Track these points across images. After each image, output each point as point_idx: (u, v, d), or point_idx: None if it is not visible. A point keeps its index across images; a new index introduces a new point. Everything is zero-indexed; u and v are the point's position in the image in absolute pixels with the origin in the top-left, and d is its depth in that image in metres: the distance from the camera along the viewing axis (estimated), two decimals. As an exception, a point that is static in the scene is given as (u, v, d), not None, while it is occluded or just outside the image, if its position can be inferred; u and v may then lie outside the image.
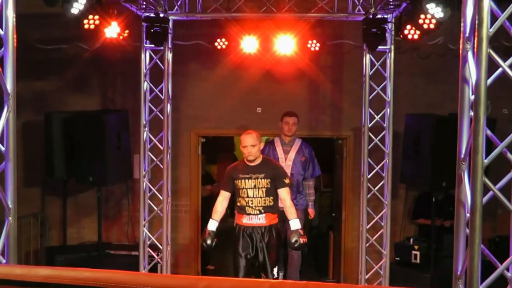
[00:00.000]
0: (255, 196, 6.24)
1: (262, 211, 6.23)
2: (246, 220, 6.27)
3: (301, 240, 6.11)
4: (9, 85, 3.63)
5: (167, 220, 7.76)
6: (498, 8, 3.47)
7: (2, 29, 3.64)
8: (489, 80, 3.41)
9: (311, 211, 7.88)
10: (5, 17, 3.64)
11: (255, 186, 6.27)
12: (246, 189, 6.27)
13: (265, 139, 11.40)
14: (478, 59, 3.36)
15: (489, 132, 3.50)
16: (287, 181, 6.35)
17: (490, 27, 3.37)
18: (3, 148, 3.64)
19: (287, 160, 7.59)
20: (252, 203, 6.23)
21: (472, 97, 3.46)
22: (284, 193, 6.33)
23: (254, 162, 6.31)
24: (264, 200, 6.23)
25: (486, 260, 3.75)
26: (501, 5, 3.54)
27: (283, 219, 6.58)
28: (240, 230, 6.34)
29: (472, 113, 3.47)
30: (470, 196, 3.50)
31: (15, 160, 3.72)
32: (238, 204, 6.33)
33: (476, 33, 3.40)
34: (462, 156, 3.63)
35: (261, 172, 6.28)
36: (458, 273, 3.78)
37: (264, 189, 6.25)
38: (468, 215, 3.58)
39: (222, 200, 6.37)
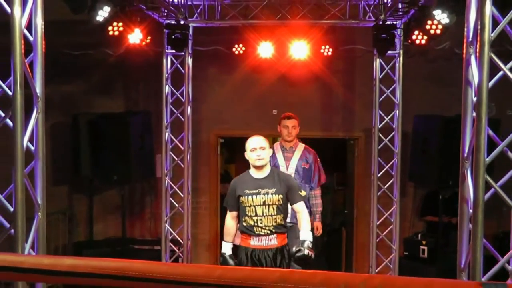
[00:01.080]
0: (265, 214, 5.22)
1: (273, 230, 5.25)
2: (254, 242, 5.28)
3: (307, 252, 5.09)
4: (38, 88, 3.65)
5: (187, 216, 7.80)
6: (500, 14, 3.47)
7: (31, 36, 3.67)
8: (491, 83, 3.40)
9: (318, 225, 6.79)
10: (34, 25, 3.67)
11: (264, 203, 5.24)
12: (254, 206, 5.25)
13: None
14: (480, 63, 3.35)
15: (490, 132, 3.47)
16: (302, 193, 5.51)
17: (492, 32, 3.36)
18: (32, 148, 3.67)
19: (288, 169, 6.54)
20: (261, 223, 5.22)
21: (475, 99, 3.47)
22: (300, 207, 5.38)
23: (262, 171, 5.27)
24: (275, 218, 5.24)
25: (489, 254, 3.76)
26: (502, 11, 3.53)
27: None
28: (246, 253, 5.35)
29: (474, 114, 3.47)
30: (472, 192, 3.49)
31: (44, 159, 3.74)
32: (244, 223, 5.31)
33: (478, 38, 3.39)
34: (465, 154, 3.62)
35: (271, 186, 5.26)
36: (462, 266, 3.79)
37: (275, 206, 5.24)
38: (471, 211, 3.56)
39: (231, 220, 5.43)
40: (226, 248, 5.34)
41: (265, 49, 7.96)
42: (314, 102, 8.84)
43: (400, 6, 6.87)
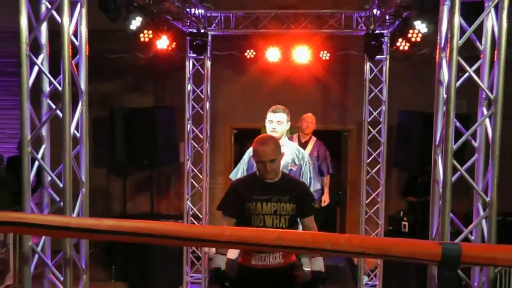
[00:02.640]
0: (275, 226, 3.84)
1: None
2: (256, 261, 3.93)
3: None
4: (83, 85, 3.70)
5: (206, 195, 7.81)
6: (467, 24, 3.49)
7: (77, 41, 3.71)
8: (458, 83, 3.42)
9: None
10: (79, 32, 3.70)
11: (275, 213, 3.89)
12: (263, 215, 3.88)
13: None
14: (450, 65, 3.36)
15: (458, 124, 3.52)
16: (316, 205, 4.11)
17: (460, 40, 3.38)
18: (78, 135, 3.73)
19: None
20: None
21: (445, 96, 3.50)
22: (311, 223, 4.07)
23: (273, 177, 3.93)
24: None
25: (458, 230, 3.80)
26: (469, 21, 3.54)
27: None
28: (247, 273, 4.01)
29: (444, 108, 3.52)
30: (442, 175, 3.52)
31: (87, 144, 3.78)
32: None
33: (448, 45, 3.40)
34: (437, 143, 3.67)
35: (285, 193, 3.90)
36: (433, 236, 3.83)
37: (287, 218, 3.90)
38: (441, 190, 3.59)
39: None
40: (220, 262, 3.94)
41: (272, 54, 8.01)
42: (314, 99, 8.86)
43: (387, 17, 6.83)
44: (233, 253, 4.15)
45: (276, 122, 5.10)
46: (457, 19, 3.34)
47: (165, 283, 7.38)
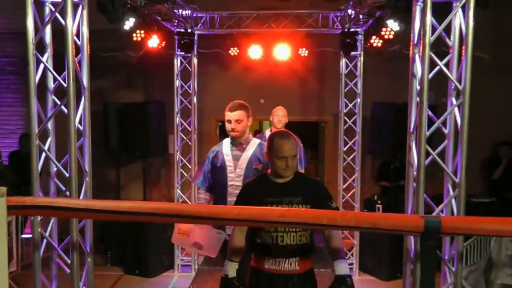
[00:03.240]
0: (288, 230, 3.31)
1: (296, 252, 3.34)
2: (270, 265, 3.39)
3: None
4: (85, 81, 3.73)
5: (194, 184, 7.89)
6: (437, 22, 3.58)
7: (79, 41, 3.72)
8: (430, 75, 3.51)
9: None
10: (81, 32, 3.72)
11: None
12: None
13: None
14: (423, 60, 3.44)
15: (430, 112, 3.60)
16: (333, 204, 3.45)
17: (431, 36, 3.47)
18: (81, 128, 3.77)
19: (236, 169, 4.54)
20: (282, 241, 3.31)
21: (418, 88, 3.59)
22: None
23: (285, 177, 3.37)
24: (300, 236, 3.33)
25: (431, 210, 3.88)
26: (440, 20, 3.62)
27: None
28: (258, 278, 3.46)
29: (418, 99, 3.61)
30: (416, 159, 3.61)
31: (90, 137, 3.81)
32: (258, 240, 3.41)
33: (421, 41, 3.49)
34: (411, 130, 3.73)
35: (297, 193, 3.35)
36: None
37: None
38: (415, 173, 3.66)
39: (239, 233, 3.46)
40: (231, 269, 3.40)
41: (254, 52, 8.07)
42: (293, 92, 8.92)
43: (361, 17, 6.94)
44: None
45: (235, 121, 4.46)
46: (429, 18, 3.43)
47: (157, 266, 7.45)
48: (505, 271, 6.69)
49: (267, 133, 6.52)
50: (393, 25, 5.88)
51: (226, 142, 4.70)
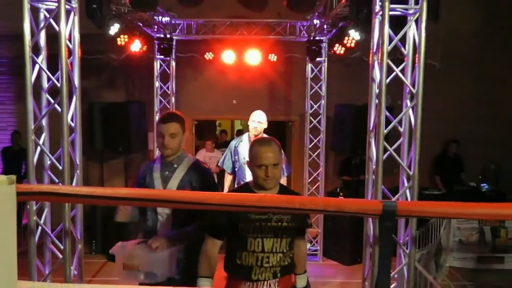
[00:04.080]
0: (275, 250, 2.76)
1: (278, 274, 2.79)
2: None
3: None
4: (76, 81, 3.78)
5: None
6: (394, 33, 3.69)
7: (71, 44, 3.76)
8: (388, 80, 3.65)
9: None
10: (73, 36, 3.76)
11: (276, 235, 2.76)
12: (262, 238, 2.74)
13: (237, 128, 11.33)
14: (381, 66, 3.58)
15: (387, 113, 3.74)
16: (309, 221, 3.04)
17: (389, 45, 3.60)
18: (73, 124, 3.80)
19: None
20: (267, 262, 2.75)
21: (377, 91, 3.71)
22: (304, 246, 3.12)
23: (267, 190, 2.78)
24: (285, 256, 2.80)
25: (387, 199, 4.01)
26: (396, 30, 3.73)
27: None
28: None
29: (377, 101, 3.75)
30: (375, 154, 3.74)
31: (81, 132, 3.85)
32: (238, 261, 2.79)
33: (380, 49, 3.61)
34: (371, 128, 3.87)
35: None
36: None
37: (288, 240, 2.81)
38: (374, 167, 3.79)
39: (212, 250, 2.83)
40: (205, 285, 2.80)
41: (228, 56, 8.12)
42: (263, 94, 8.99)
43: (325, 26, 7.03)
44: None
45: (169, 135, 3.33)
46: (386, 29, 3.57)
47: None
48: (453, 255, 6.94)
49: (245, 137, 5.70)
50: (354, 35, 5.98)
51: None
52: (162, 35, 7.53)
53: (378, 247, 1.82)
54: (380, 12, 3.65)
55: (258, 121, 5.22)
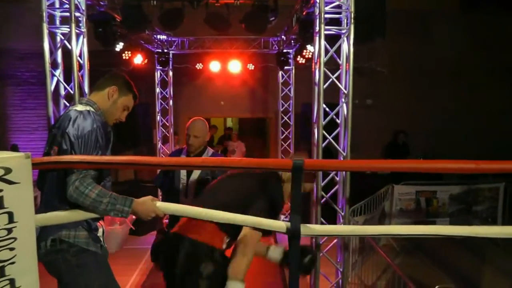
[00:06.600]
0: None
1: None
2: None
3: None
4: (86, 89, 3.97)
5: (172, 164, 8.08)
6: (330, 47, 3.95)
7: (81, 60, 3.97)
8: (326, 85, 3.93)
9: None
10: (83, 53, 3.97)
11: None
12: None
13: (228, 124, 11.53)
14: (320, 73, 3.88)
15: (326, 108, 3.98)
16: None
17: (325, 57, 3.87)
18: None
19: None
20: None
21: (317, 92, 3.99)
22: None
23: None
24: None
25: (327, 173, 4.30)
26: (333, 45, 3.97)
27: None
28: None
29: (317, 99, 4.03)
30: (316, 140, 4.04)
31: None
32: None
33: (318, 60, 3.90)
34: (314, 120, 4.11)
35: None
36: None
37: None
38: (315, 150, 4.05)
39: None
40: None
41: (214, 66, 8.25)
42: (244, 96, 9.19)
43: (292, 42, 7.27)
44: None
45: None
46: (322, 44, 3.85)
47: (146, 227, 7.53)
48: (395, 221, 7.28)
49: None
50: (310, 48, 6.23)
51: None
52: (160, 50, 7.70)
53: (291, 195, 2.05)
54: (318, 32, 3.90)
55: (193, 134, 3.49)
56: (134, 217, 3.61)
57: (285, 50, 7.60)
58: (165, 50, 7.72)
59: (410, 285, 3.51)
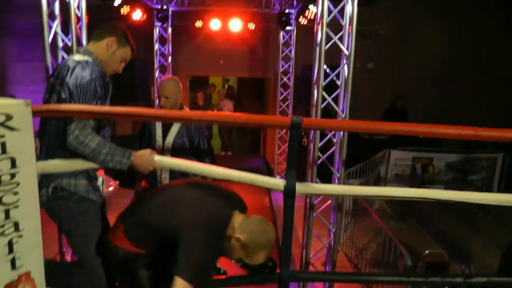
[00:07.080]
0: None
1: None
2: None
3: None
4: (84, 41, 3.89)
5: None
6: (334, 7, 3.86)
7: (79, 12, 3.90)
8: (327, 46, 3.86)
9: None
10: (81, 6, 3.91)
11: None
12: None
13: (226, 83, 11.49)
14: (322, 33, 3.78)
15: (328, 69, 3.95)
16: None
17: (328, 17, 3.76)
18: None
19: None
20: None
21: (318, 52, 3.92)
22: None
23: None
24: None
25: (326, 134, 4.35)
26: (336, 6, 3.95)
27: None
28: None
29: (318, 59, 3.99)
30: (315, 102, 4.01)
31: None
32: None
33: (321, 20, 3.82)
34: (314, 81, 4.07)
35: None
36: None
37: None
38: (314, 110, 4.03)
39: None
40: None
41: (215, 24, 8.10)
42: (244, 56, 9.06)
43: (294, 1, 7.16)
44: None
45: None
46: (326, 4, 3.76)
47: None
48: (390, 185, 7.35)
49: None
50: (313, 9, 6.14)
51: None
52: (160, 6, 7.56)
53: (288, 151, 2.10)
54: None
55: (164, 96, 3.35)
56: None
57: (287, 10, 7.51)
58: (165, 7, 7.60)
59: (401, 248, 3.60)
